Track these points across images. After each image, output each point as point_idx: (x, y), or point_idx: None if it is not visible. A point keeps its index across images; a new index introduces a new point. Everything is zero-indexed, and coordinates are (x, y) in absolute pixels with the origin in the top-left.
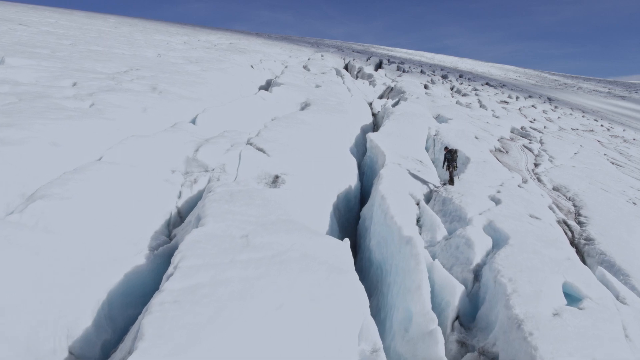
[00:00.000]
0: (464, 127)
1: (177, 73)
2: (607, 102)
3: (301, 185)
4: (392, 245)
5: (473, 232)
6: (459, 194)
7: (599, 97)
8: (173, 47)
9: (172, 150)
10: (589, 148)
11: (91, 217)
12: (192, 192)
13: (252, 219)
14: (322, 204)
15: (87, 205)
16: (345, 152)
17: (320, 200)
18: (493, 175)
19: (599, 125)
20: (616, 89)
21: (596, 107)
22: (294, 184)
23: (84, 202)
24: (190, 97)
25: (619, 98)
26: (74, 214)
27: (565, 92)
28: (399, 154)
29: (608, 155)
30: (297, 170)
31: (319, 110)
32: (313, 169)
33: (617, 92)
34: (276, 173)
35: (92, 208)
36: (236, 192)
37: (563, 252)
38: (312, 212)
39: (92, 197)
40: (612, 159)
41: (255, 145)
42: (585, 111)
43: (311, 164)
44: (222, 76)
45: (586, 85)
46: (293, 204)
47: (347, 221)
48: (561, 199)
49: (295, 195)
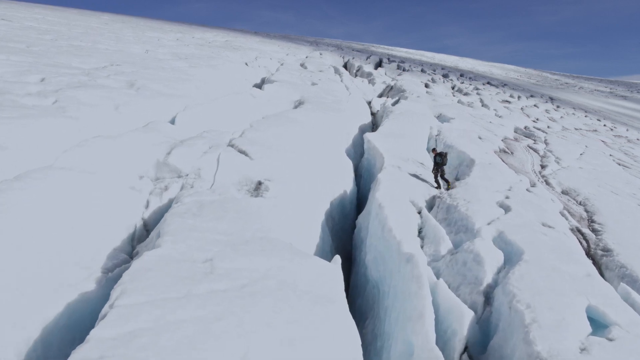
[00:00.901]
0: (467, 127)
1: (161, 69)
2: (609, 101)
3: (288, 192)
4: (391, 262)
5: (482, 246)
6: (465, 201)
7: (600, 97)
8: (163, 44)
9: (141, 153)
10: (594, 148)
11: (29, 235)
12: (161, 201)
13: (221, 237)
14: (311, 212)
15: (24, 221)
16: (341, 154)
17: (310, 208)
18: (500, 179)
19: (602, 125)
20: (618, 89)
21: (598, 107)
22: (279, 191)
23: (21, 218)
24: (172, 94)
25: (620, 98)
26: (4, 232)
27: (567, 91)
28: (399, 155)
29: (614, 156)
30: (284, 174)
31: (313, 109)
32: (303, 172)
33: (618, 92)
34: (259, 179)
35: (31, 224)
36: (207, 204)
37: (582, 267)
38: (298, 224)
39: (33, 210)
40: (618, 159)
41: (237, 147)
42: (587, 111)
43: (301, 168)
44: (212, 73)
45: (587, 85)
46: (275, 216)
47: (342, 229)
48: (572, 203)
49: (278, 205)
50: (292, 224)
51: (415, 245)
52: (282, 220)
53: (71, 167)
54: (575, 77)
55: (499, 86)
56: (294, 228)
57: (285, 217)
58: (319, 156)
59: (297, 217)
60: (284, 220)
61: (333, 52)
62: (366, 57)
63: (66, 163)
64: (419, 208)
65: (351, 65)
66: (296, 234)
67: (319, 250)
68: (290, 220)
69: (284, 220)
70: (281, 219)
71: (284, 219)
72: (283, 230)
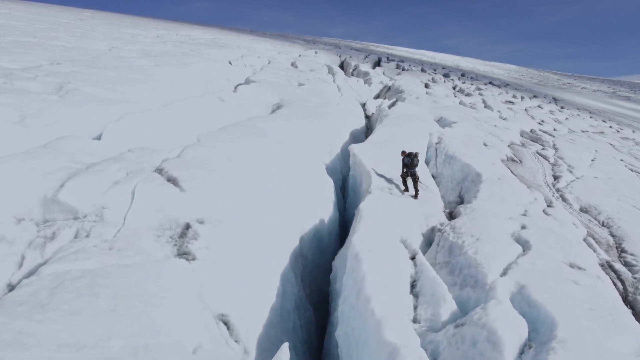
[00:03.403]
0: (471, 132)
1: (113, 69)
2: (613, 102)
3: (229, 237)
4: (367, 351)
5: (499, 318)
6: (473, 238)
7: (603, 97)
8: (137, 40)
9: (23, 184)
10: (605, 153)
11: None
12: (43, 256)
13: (65, 356)
14: (265, 264)
15: None
16: (319, 171)
17: (265, 255)
18: (512, 199)
19: (608, 126)
20: (620, 89)
21: (602, 108)
22: (215, 239)
23: None
24: (112, 99)
25: (624, 99)
26: None
27: (570, 91)
28: (391, 172)
29: (625, 161)
30: (229, 211)
31: (290, 115)
32: (259, 204)
33: (621, 93)
34: (189, 220)
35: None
36: (68, 282)
37: (632, 340)
38: (237, 293)
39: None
40: (630, 165)
41: (166, 174)
42: (592, 112)
43: (257, 198)
44: (180, 73)
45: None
46: (184, 297)
47: (317, 267)
48: (594, 225)
49: (206, 264)
50: (226, 297)
51: (404, 326)
52: (209, 294)
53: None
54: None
55: (501, 86)
56: (227, 302)
57: (214, 287)
58: (288, 177)
59: (237, 280)
60: (213, 292)
61: (330, 50)
62: (365, 56)
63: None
64: (412, 252)
65: (347, 64)
66: (232, 311)
67: (272, 327)
68: (224, 289)
69: (213, 291)
70: (207, 291)
71: (212, 289)
72: (190, 323)
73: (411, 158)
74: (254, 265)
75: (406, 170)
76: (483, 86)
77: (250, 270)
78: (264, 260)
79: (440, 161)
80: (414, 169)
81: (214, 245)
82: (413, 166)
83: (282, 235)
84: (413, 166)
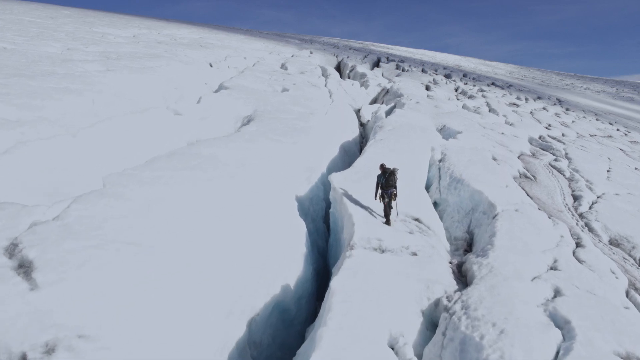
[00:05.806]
0: (477, 143)
1: (45, 76)
2: (617, 104)
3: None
4: None
5: None
6: (495, 328)
7: (607, 99)
8: (104, 41)
9: None
10: (618, 162)
11: None
12: None
13: None
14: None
15: None
16: (288, 212)
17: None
18: (536, 242)
19: (615, 129)
20: (624, 90)
21: (607, 110)
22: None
23: None
24: (19, 119)
25: (628, 100)
26: None
27: (573, 92)
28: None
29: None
30: (113, 318)
31: (258, 133)
32: (170, 297)
33: (625, 93)
34: (32, 344)
35: None
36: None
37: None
38: None
39: None
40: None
41: (19, 255)
42: (597, 114)
43: (168, 287)
44: (135, 79)
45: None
46: None
47: (280, 349)
48: (630, 265)
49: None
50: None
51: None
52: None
53: None
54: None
55: (504, 87)
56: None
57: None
58: (233, 235)
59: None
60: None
61: (327, 50)
62: (364, 56)
63: None
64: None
65: (344, 65)
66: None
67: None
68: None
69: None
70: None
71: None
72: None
73: (386, 176)
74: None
75: (382, 192)
76: (486, 87)
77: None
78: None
79: (445, 185)
80: (391, 190)
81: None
82: (389, 186)
83: (208, 333)
84: (389, 186)
